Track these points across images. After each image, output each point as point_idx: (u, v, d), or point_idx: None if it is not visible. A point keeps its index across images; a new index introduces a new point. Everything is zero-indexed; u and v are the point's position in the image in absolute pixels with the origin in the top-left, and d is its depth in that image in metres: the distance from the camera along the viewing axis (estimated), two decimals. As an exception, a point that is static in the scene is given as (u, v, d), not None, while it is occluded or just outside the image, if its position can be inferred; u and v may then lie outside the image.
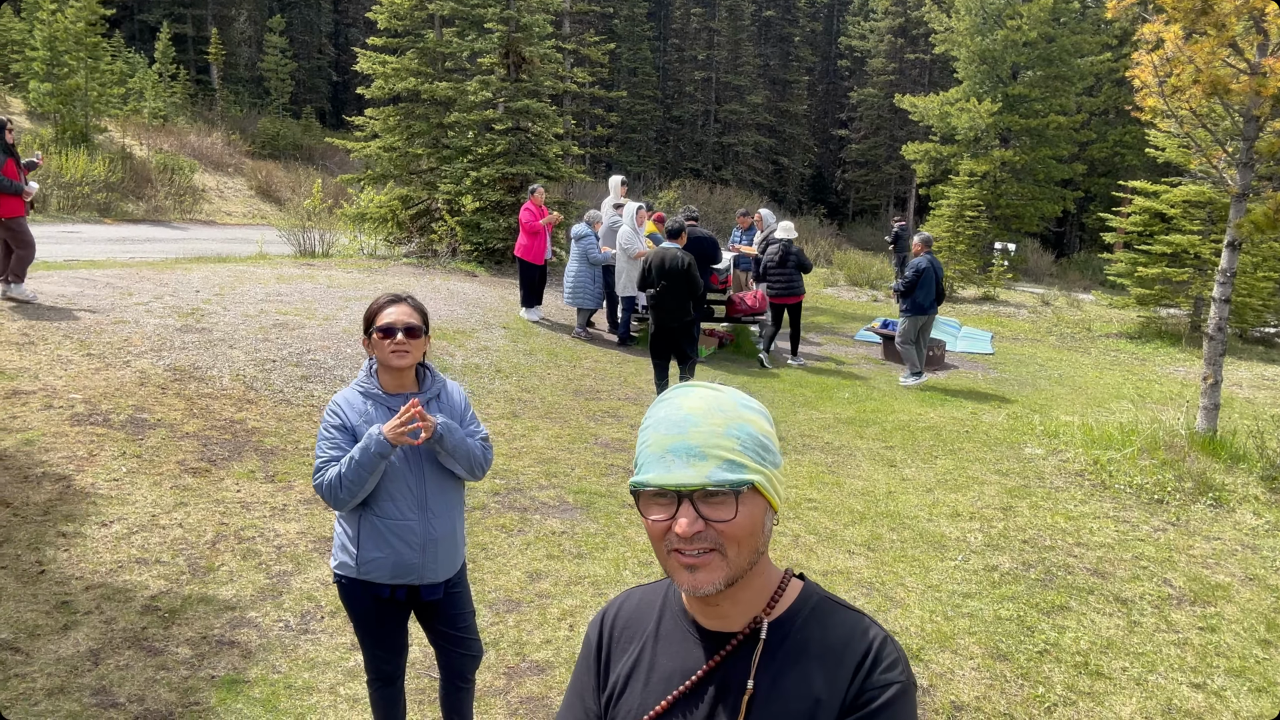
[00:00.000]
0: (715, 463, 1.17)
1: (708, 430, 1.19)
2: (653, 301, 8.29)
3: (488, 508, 5.86)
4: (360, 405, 2.85)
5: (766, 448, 1.24)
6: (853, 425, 8.70)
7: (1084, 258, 30.43)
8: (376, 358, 2.87)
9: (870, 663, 1.21)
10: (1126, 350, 14.61)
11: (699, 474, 1.17)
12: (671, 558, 1.20)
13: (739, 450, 1.19)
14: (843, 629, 1.25)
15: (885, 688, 1.19)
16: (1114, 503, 6.74)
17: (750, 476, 1.19)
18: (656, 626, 1.34)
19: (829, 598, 1.30)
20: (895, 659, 1.22)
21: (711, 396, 1.24)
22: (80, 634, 3.93)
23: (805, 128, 43.59)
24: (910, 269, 10.48)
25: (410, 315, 2.85)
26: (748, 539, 1.20)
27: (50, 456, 5.60)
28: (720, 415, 1.21)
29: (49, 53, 19.73)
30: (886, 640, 1.24)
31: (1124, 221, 16.61)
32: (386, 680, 3.10)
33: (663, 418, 1.22)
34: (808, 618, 1.26)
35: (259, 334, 8.60)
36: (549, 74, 15.55)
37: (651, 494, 1.19)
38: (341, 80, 36.95)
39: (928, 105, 25.09)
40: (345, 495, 2.75)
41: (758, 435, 1.23)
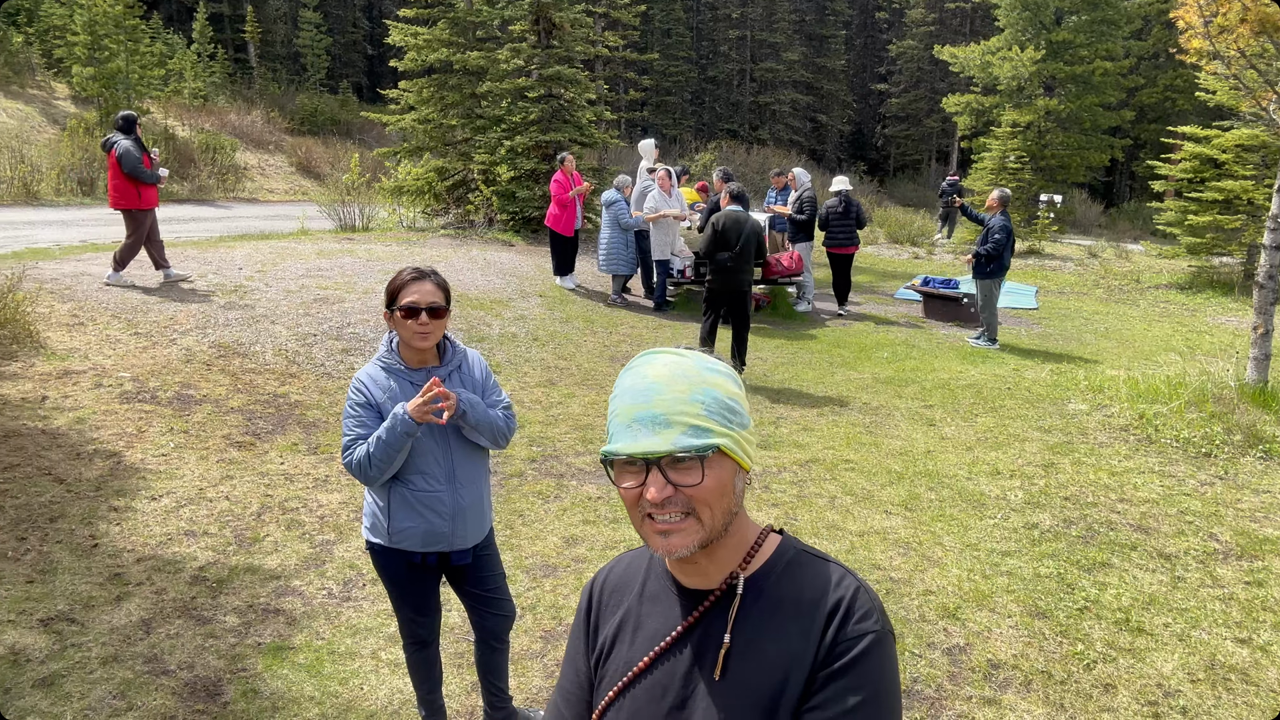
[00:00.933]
0: (680, 429, 1.19)
1: (671, 397, 1.20)
2: (729, 264, 8.28)
3: (524, 475, 5.93)
4: (384, 381, 2.88)
5: (733, 410, 1.25)
6: (891, 385, 8.62)
7: (1134, 207, 29.62)
8: (399, 334, 2.89)
9: (843, 614, 1.20)
10: (1176, 301, 14.24)
11: (665, 441, 1.18)
12: (646, 524, 1.21)
13: (704, 415, 1.21)
14: (816, 581, 1.25)
15: (859, 638, 1.18)
16: (1160, 457, 6.61)
17: (715, 440, 1.20)
18: (642, 588, 1.36)
19: (805, 550, 1.31)
20: (869, 609, 1.21)
21: (675, 363, 1.25)
22: (132, 604, 4.08)
23: (843, 83, 42.78)
24: (999, 230, 10.04)
25: (434, 294, 2.83)
26: (718, 501, 1.22)
27: (101, 434, 5.78)
28: (684, 381, 1.22)
29: (89, 37, 20.01)
30: (859, 590, 1.23)
31: (1174, 169, 16.10)
32: (421, 643, 3.17)
33: (629, 387, 1.24)
34: (782, 572, 1.27)
35: (300, 309, 8.73)
36: (580, 39, 15.43)
37: (623, 462, 1.21)
38: (377, 53, 37.01)
39: (968, 55, 24.45)
40: (375, 473, 2.81)
41: (723, 398, 1.24)
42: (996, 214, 10.10)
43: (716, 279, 8.40)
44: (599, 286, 11.98)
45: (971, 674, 3.92)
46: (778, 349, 10.10)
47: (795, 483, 5.99)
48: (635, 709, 1.28)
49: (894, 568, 4.87)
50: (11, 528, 4.58)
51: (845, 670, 1.17)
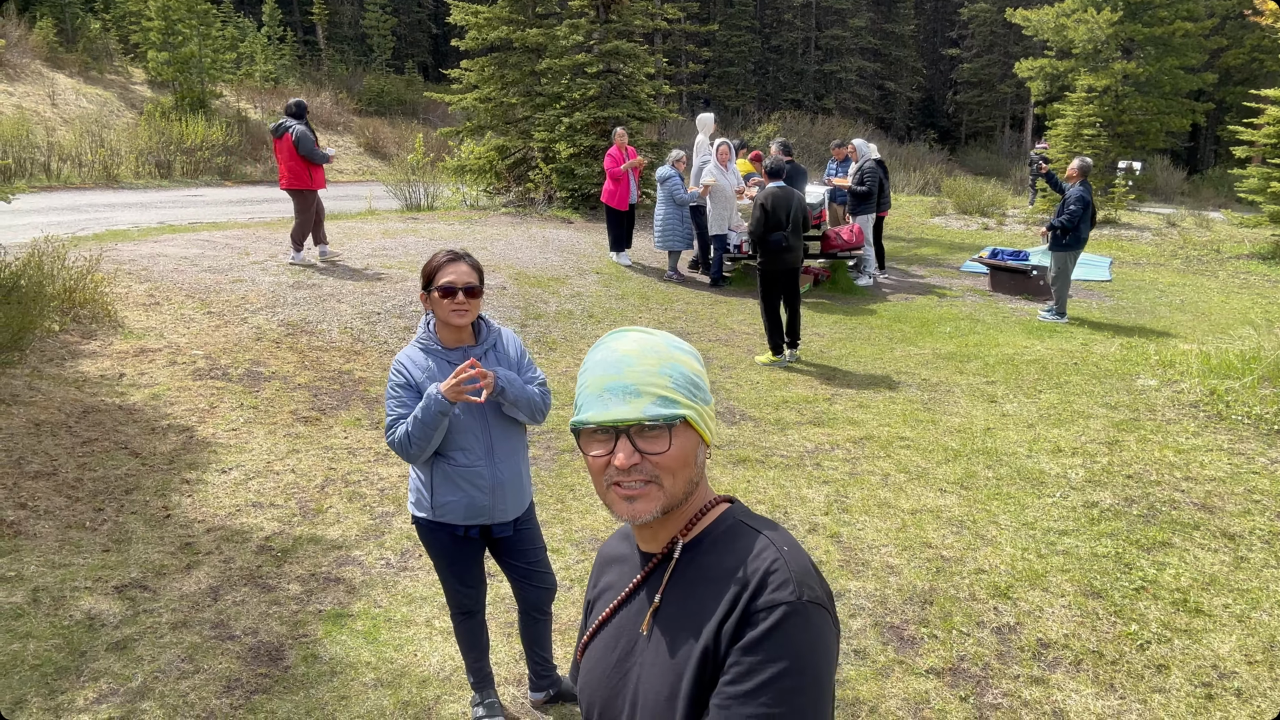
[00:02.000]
0: (649, 399, 1.26)
1: (642, 370, 1.27)
2: (784, 244, 8.05)
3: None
4: (422, 361, 2.98)
5: (697, 385, 1.32)
6: (953, 360, 8.49)
7: (1218, 174, 28.38)
8: (435, 314, 2.98)
9: (756, 585, 1.20)
10: (1258, 272, 13.67)
11: (635, 410, 1.25)
12: (611, 490, 1.28)
13: (671, 387, 1.27)
14: (739, 552, 1.26)
15: (770, 609, 1.17)
16: (1230, 434, 6.41)
17: (682, 411, 1.27)
18: (625, 554, 1.45)
19: (744, 520, 1.33)
20: (784, 579, 1.20)
21: (645, 339, 1.32)
22: (202, 573, 4.28)
23: (912, 49, 41.73)
24: (1075, 201, 9.65)
25: (470, 275, 2.92)
26: (682, 470, 1.28)
27: (175, 409, 6.04)
28: (654, 356, 1.29)
29: (164, 22, 20.62)
30: (778, 560, 1.22)
31: (1257, 134, 15.39)
32: (468, 613, 3.28)
33: (599, 360, 1.30)
34: (715, 539, 1.31)
35: (364, 288, 8.95)
36: (639, 13, 15.36)
37: (591, 431, 1.28)
38: (441, 33, 37.33)
39: (1042, 18, 23.58)
40: (415, 451, 2.92)
41: (688, 373, 1.31)
42: (1075, 184, 9.76)
43: (768, 260, 8.13)
44: (655, 263, 11.99)
45: (1020, 653, 3.89)
46: (835, 324, 10.01)
47: (848, 460, 5.97)
48: (594, 659, 1.38)
49: (945, 546, 4.84)
50: (90, 499, 4.84)
51: (756, 643, 1.16)
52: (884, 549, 4.79)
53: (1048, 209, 18.29)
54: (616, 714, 1.31)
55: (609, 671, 1.34)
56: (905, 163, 27.70)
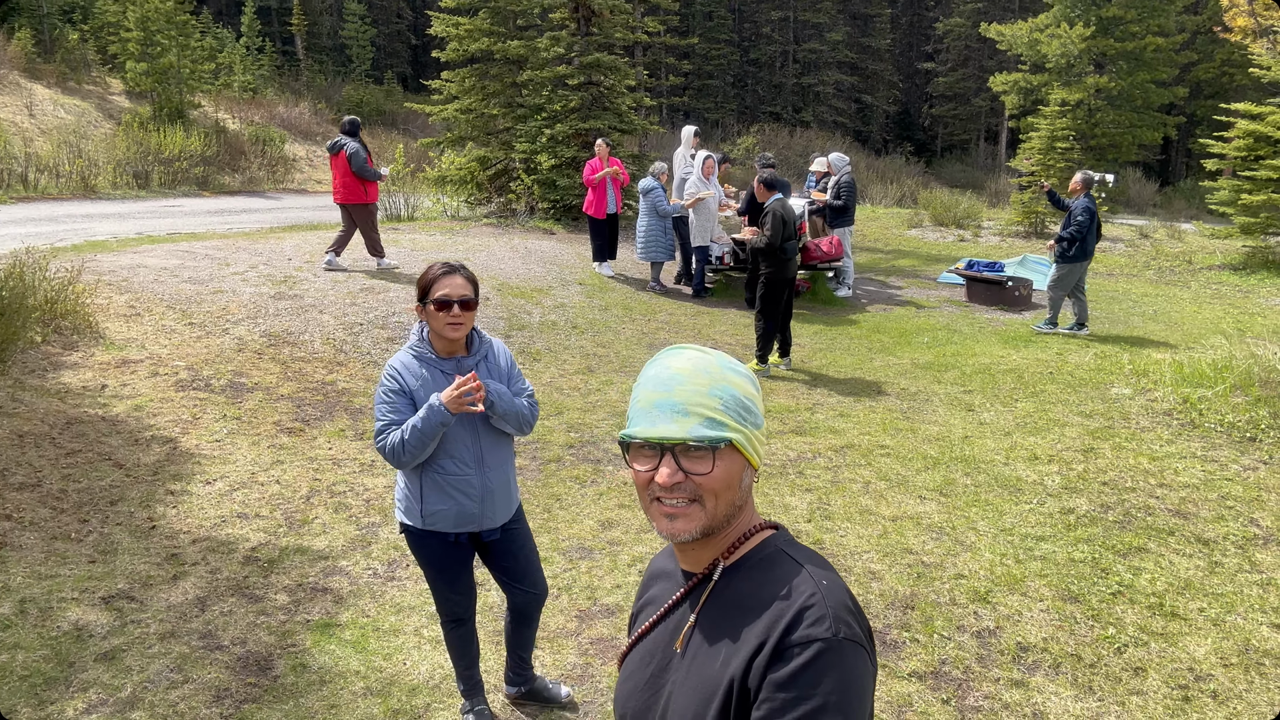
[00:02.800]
0: (697, 419, 1.25)
1: (692, 389, 1.27)
2: (787, 256, 8.17)
3: (563, 460, 6.07)
4: (416, 369, 3.02)
5: (748, 409, 1.31)
6: (931, 370, 8.60)
7: (1189, 186, 28.85)
8: (430, 326, 3.02)
9: (792, 618, 1.19)
10: (1229, 283, 13.93)
11: (681, 429, 1.25)
12: (654, 506, 1.29)
13: (720, 410, 1.27)
14: (778, 582, 1.25)
15: (805, 645, 1.16)
16: (1203, 442, 6.54)
17: (729, 434, 1.26)
18: (670, 570, 1.47)
19: (785, 550, 1.31)
20: (821, 615, 1.18)
21: (699, 358, 1.31)
22: (188, 583, 4.28)
23: (889, 63, 42.19)
24: (1081, 213, 9.76)
25: (465, 288, 2.97)
26: (725, 492, 1.27)
27: (158, 420, 6.02)
28: (705, 376, 1.29)
29: (142, 33, 20.54)
30: (817, 594, 1.21)
31: (1227, 147, 15.70)
32: (458, 620, 3.31)
33: (652, 376, 1.31)
34: (755, 566, 1.30)
35: (347, 299, 8.95)
36: (619, 25, 15.47)
37: (639, 446, 1.29)
38: (420, 44, 37.39)
39: (1016, 33, 24.01)
40: (407, 458, 2.96)
41: (740, 397, 1.30)
42: (1080, 196, 9.89)
43: (780, 268, 8.18)
44: (638, 274, 12.06)
45: (1000, 656, 3.97)
46: (816, 335, 10.11)
47: (830, 468, 6.04)
48: (630, 671, 1.40)
49: (926, 552, 4.92)
50: (75, 510, 4.83)
51: (790, 679, 1.15)
52: (866, 555, 4.86)
53: (1021, 220, 18.54)
54: None
55: (643, 685, 1.35)
56: (882, 175, 27.97)
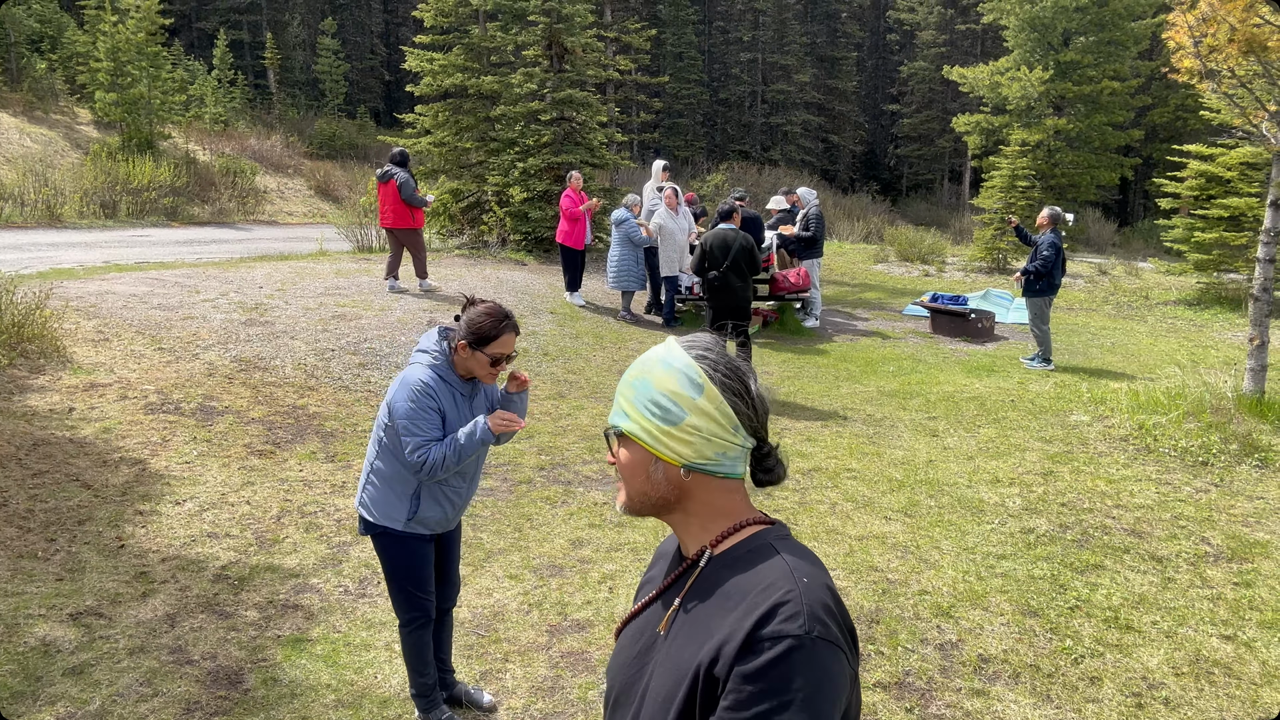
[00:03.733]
0: (615, 408, 1.39)
1: (624, 379, 1.39)
2: (717, 283, 8.11)
3: (533, 481, 6.12)
4: (444, 389, 3.15)
5: (659, 404, 1.32)
6: (896, 397, 8.77)
7: (1147, 225, 29.61)
8: (466, 365, 3.13)
9: (765, 612, 1.18)
10: (1184, 317, 14.33)
11: (610, 413, 1.40)
12: None
13: (631, 401, 1.36)
14: (760, 574, 1.25)
15: (775, 640, 1.15)
16: (1157, 466, 6.73)
17: (625, 425, 1.36)
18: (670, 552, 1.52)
19: (774, 545, 1.31)
20: (795, 611, 1.17)
21: (655, 351, 1.38)
22: (158, 600, 4.28)
23: (855, 104, 43.08)
24: (1047, 247, 9.97)
25: (514, 343, 3.16)
26: (630, 479, 1.37)
27: (126, 442, 6.00)
28: (640, 366, 1.37)
29: (112, 63, 20.50)
30: (794, 591, 1.20)
31: (1181, 186, 16.22)
32: (426, 620, 3.39)
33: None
34: (740, 557, 1.30)
35: (318, 325, 8.98)
36: (592, 63, 15.75)
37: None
38: (394, 79, 37.63)
39: (978, 76, 24.69)
40: (443, 473, 3.11)
41: (654, 391, 1.33)
42: (1047, 231, 10.12)
43: (713, 297, 8.28)
44: (608, 303, 12.19)
45: (962, 667, 4.06)
46: (784, 363, 10.26)
47: (798, 489, 6.15)
48: (622, 645, 1.45)
49: (891, 569, 5.02)
50: (42, 529, 4.80)
51: (757, 673, 1.14)
52: (832, 572, 4.95)
53: (984, 256, 18.94)
54: (630, 702, 1.36)
55: (630, 660, 1.40)
56: (849, 212, 28.45)
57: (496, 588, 4.66)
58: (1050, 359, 10.31)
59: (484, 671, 3.91)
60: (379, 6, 40.71)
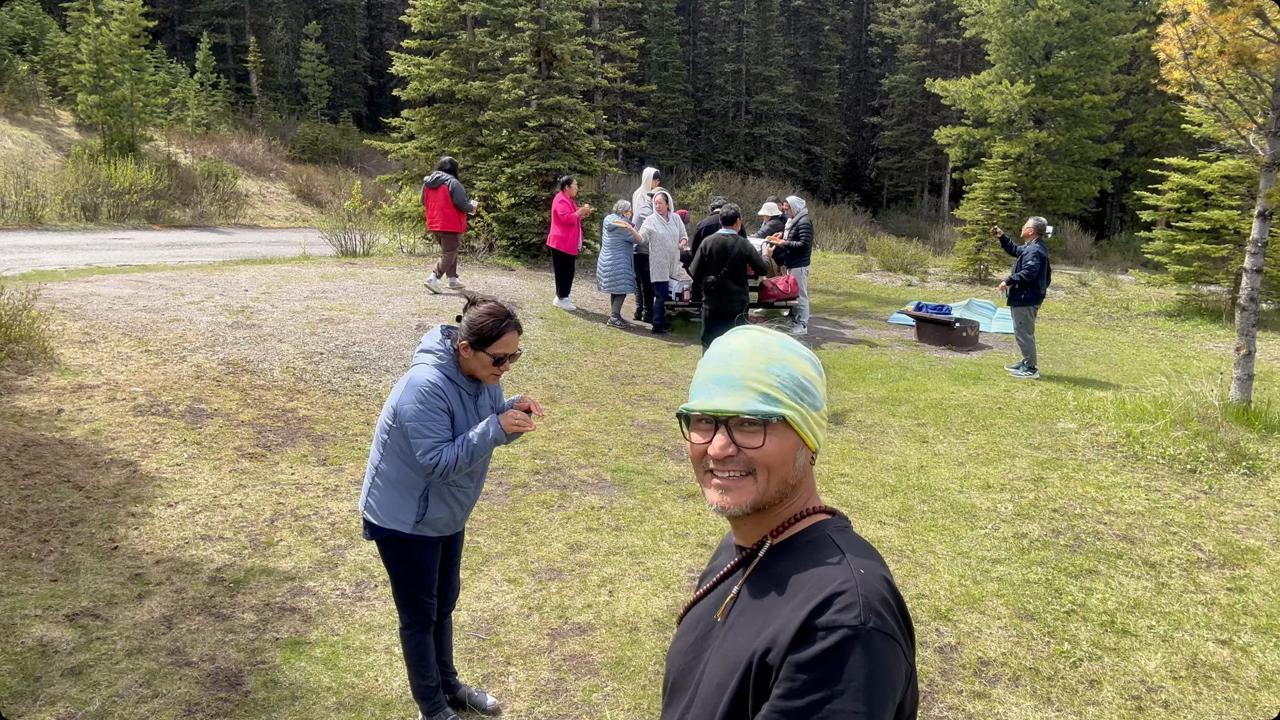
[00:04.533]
0: (751, 394, 1.29)
1: (748, 364, 1.31)
2: (713, 288, 8.16)
3: (529, 485, 6.10)
4: (450, 389, 3.13)
5: (805, 389, 1.33)
6: (885, 404, 8.82)
7: (1124, 239, 30.02)
8: (470, 366, 3.12)
9: (821, 602, 1.18)
10: (1165, 328, 14.50)
11: (734, 402, 1.29)
12: (706, 478, 1.33)
13: (775, 386, 1.30)
14: (819, 565, 1.25)
15: (830, 630, 1.15)
16: (1146, 473, 6.80)
17: (782, 410, 1.29)
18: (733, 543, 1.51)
19: (833, 536, 1.31)
20: (851, 602, 1.17)
21: (760, 337, 1.35)
22: (154, 602, 4.22)
23: (837, 116, 43.38)
24: (1032, 257, 10.06)
25: (519, 343, 3.15)
26: (777, 468, 1.29)
27: (116, 444, 5.93)
28: (763, 353, 1.32)
29: (95, 66, 20.31)
30: (850, 581, 1.20)
31: (1162, 199, 16.44)
32: (427, 623, 3.37)
33: (713, 353, 1.37)
34: (799, 548, 1.31)
35: (306, 328, 8.91)
36: (580, 70, 15.76)
37: (696, 419, 1.34)
38: (377, 84, 37.53)
39: (959, 89, 24.94)
40: (455, 474, 3.09)
41: (798, 375, 1.32)
42: (1032, 241, 10.21)
43: (709, 302, 8.32)
44: (597, 309, 12.19)
45: (962, 670, 4.08)
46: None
47: (792, 495, 6.16)
48: (681, 633, 1.45)
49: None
50: (34, 531, 4.73)
51: (811, 662, 1.14)
52: (830, 577, 4.96)
53: (966, 267, 19.10)
54: (687, 687, 1.35)
55: (688, 647, 1.39)
56: (831, 223, 28.62)
57: (495, 591, 4.64)
58: (1035, 367, 10.40)
59: (486, 675, 3.89)
60: (363, 11, 40.60)
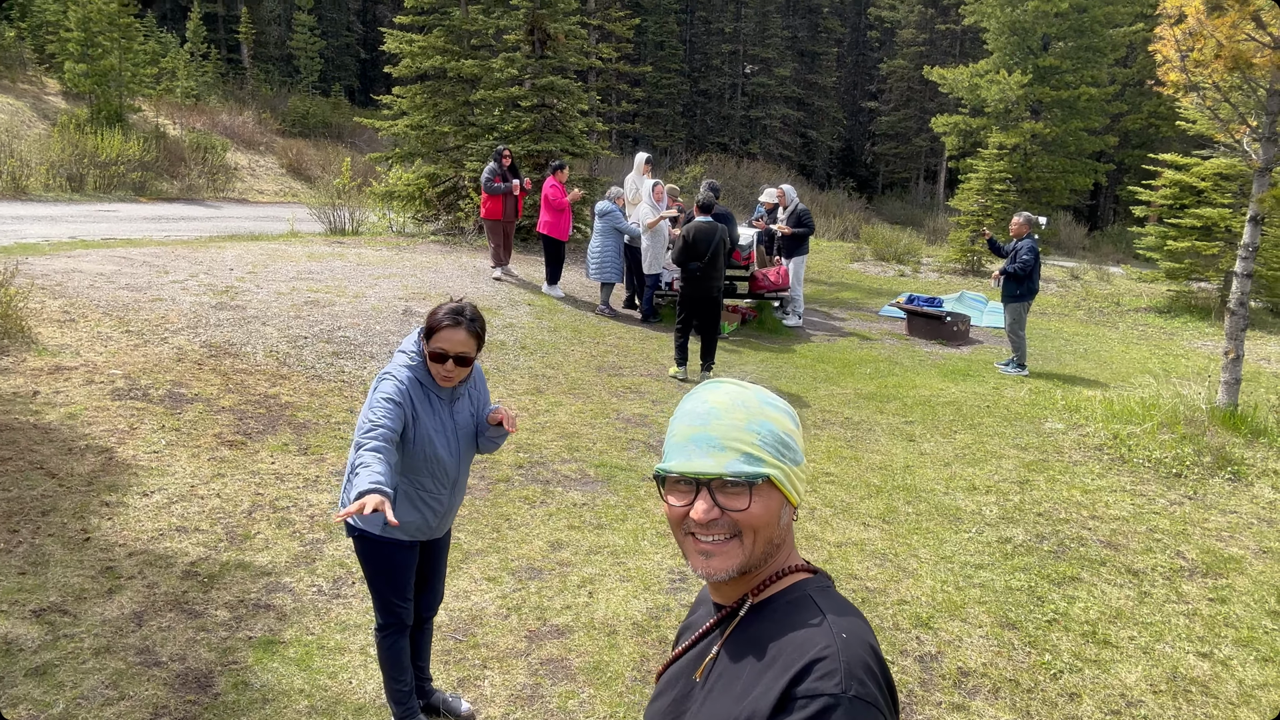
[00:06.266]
0: (734, 455, 1.24)
1: (729, 424, 1.26)
2: (699, 274, 8.73)
3: (511, 480, 6.04)
4: (418, 391, 3.04)
5: (787, 445, 1.29)
6: (873, 400, 8.77)
7: (1117, 231, 30.02)
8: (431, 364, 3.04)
9: (801, 669, 1.16)
10: (1155, 325, 14.50)
11: (717, 464, 1.24)
12: (688, 541, 1.28)
13: (758, 445, 1.26)
14: (799, 628, 1.22)
15: (810, 699, 1.12)
16: (1131, 476, 6.79)
17: (766, 470, 1.25)
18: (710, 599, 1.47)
19: (813, 596, 1.28)
20: (832, 670, 1.14)
21: (737, 393, 1.30)
22: (124, 597, 4.15)
23: (834, 100, 43.14)
24: (1027, 251, 9.95)
25: (465, 345, 2.97)
26: (763, 529, 1.26)
27: (93, 430, 5.84)
28: (743, 410, 1.28)
29: (83, 34, 19.99)
30: (831, 648, 1.17)
31: (1155, 195, 16.41)
32: (403, 627, 3.30)
33: (689, 410, 1.30)
34: (779, 608, 1.28)
35: (291, 311, 8.81)
36: (574, 50, 15.58)
37: (674, 481, 1.28)
38: (370, 58, 37.10)
39: (957, 77, 24.76)
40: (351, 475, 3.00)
41: (779, 432, 1.28)
42: (1024, 236, 10.10)
43: (687, 286, 8.90)
44: (586, 297, 12.10)
45: (942, 680, 4.05)
46: (762, 363, 10.24)
47: (776, 493, 6.12)
48: (659, 692, 1.40)
49: (870, 578, 5.00)
50: (4, 520, 4.65)
51: None
52: (812, 581, 4.92)
53: (959, 258, 19.04)
54: None
55: (666, 708, 1.34)
56: (825, 209, 28.50)
57: (474, 590, 4.58)
58: (1025, 364, 10.37)
59: (461, 678, 3.84)
60: (357, -16, 40.08)
